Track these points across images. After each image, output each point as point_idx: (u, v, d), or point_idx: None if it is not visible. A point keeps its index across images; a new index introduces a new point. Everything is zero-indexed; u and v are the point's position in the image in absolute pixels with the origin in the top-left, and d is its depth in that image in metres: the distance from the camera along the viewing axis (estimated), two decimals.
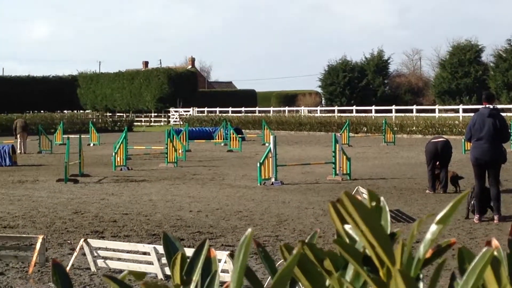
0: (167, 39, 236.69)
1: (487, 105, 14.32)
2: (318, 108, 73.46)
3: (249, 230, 1.30)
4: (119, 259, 10.45)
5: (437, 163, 18.60)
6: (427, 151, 18.94)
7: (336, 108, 70.41)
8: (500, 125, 14.01)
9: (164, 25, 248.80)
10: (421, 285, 1.30)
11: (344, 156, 22.11)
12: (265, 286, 1.41)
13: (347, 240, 1.29)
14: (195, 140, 43.17)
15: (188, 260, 1.49)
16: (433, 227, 1.29)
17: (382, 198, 1.37)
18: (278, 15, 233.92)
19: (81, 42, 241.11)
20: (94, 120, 65.73)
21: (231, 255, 8.67)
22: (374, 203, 1.31)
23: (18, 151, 35.99)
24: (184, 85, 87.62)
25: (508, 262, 1.37)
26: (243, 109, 75.00)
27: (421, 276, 1.31)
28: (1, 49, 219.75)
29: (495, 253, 1.26)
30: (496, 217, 14.02)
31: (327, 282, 1.34)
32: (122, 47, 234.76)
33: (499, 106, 57.44)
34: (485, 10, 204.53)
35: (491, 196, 14.18)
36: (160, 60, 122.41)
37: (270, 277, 1.43)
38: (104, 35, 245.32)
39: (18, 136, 37.29)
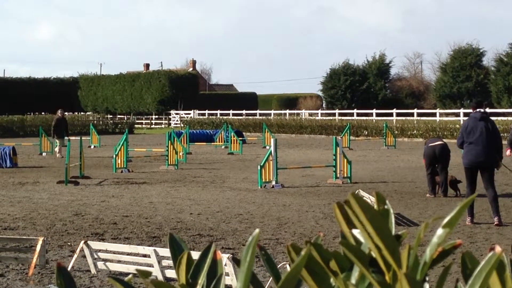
0: (168, 41, 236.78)
1: (477, 110, 14.63)
2: (319, 111, 73.45)
3: (257, 230, 1.30)
4: (119, 261, 10.45)
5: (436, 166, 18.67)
6: (425, 155, 19.02)
7: (337, 111, 70.32)
8: (492, 128, 14.30)
9: (166, 27, 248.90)
10: (427, 287, 1.30)
11: (345, 160, 22.11)
12: None
13: (353, 242, 1.29)
14: (196, 143, 43.17)
15: (194, 262, 1.49)
16: (440, 231, 1.29)
17: (387, 201, 1.37)
18: (281, 18, 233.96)
19: (82, 44, 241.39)
20: (95, 122, 65.74)
21: (233, 259, 8.66)
22: (381, 206, 1.30)
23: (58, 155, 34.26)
24: (185, 88, 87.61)
25: None
26: (244, 111, 74.99)
27: (427, 278, 1.31)
28: (3, 51, 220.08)
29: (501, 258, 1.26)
30: (496, 219, 14.08)
31: (333, 283, 1.34)
32: (124, 49, 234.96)
33: (500, 110, 57.50)
34: (487, 13, 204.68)
35: (489, 198, 14.25)
36: (161, 62, 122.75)
37: (270, 279, 1.43)
38: (106, 37, 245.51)
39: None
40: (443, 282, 1.33)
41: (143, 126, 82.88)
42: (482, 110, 14.71)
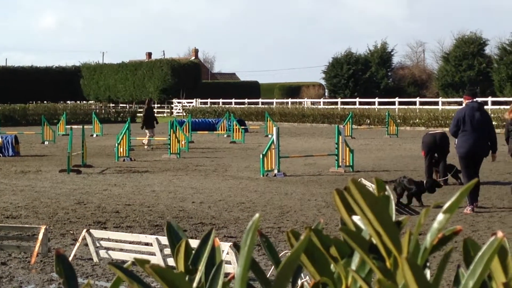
0: (171, 30, 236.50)
1: (473, 100, 14.93)
2: (321, 100, 73.35)
3: (257, 215, 1.29)
4: (121, 250, 10.46)
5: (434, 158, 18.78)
6: (424, 143, 18.99)
7: (339, 100, 70.23)
8: (486, 119, 14.83)
9: (168, 16, 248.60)
10: (427, 273, 1.30)
11: (347, 148, 22.10)
12: (267, 276, 1.38)
13: (353, 229, 1.29)
14: (198, 132, 43.16)
15: (194, 250, 1.48)
16: (440, 216, 1.28)
17: (387, 187, 1.36)
18: (283, 6, 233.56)
19: (85, 32, 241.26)
20: (97, 111, 65.72)
21: (235, 246, 8.67)
22: (381, 192, 1.30)
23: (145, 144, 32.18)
24: (187, 76, 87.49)
25: None
26: (246, 100, 74.97)
27: (428, 264, 1.30)
28: (6, 39, 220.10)
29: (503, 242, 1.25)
30: (473, 205, 14.45)
31: (333, 269, 1.34)
32: (126, 38, 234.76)
33: (502, 99, 57.46)
34: (490, 3, 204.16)
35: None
36: (164, 51, 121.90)
37: (272, 267, 1.41)
38: (108, 26, 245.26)
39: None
40: (444, 267, 1.32)
41: None
42: (477, 100, 15.08)
